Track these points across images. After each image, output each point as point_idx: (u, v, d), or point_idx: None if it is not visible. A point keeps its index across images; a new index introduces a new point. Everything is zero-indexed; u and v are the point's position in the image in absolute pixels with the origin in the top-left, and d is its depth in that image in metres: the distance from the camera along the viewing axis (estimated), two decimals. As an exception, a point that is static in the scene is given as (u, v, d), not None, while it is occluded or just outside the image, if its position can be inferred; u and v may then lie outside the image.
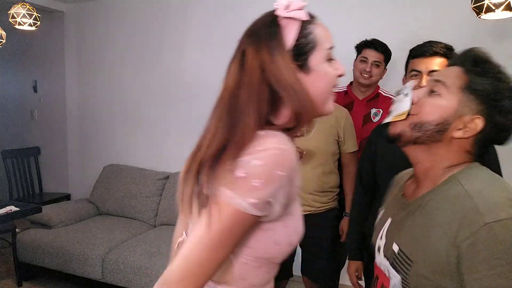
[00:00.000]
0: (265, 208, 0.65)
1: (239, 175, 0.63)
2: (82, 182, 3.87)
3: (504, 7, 1.74)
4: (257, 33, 0.75)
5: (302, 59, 0.72)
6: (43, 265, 2.77)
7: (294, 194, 0.73)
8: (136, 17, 3.49)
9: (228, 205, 0.63)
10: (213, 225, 0.63)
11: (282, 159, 0.65)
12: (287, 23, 0.72)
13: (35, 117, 4.07)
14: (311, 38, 0.73)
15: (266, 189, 0.63)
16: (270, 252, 0.73)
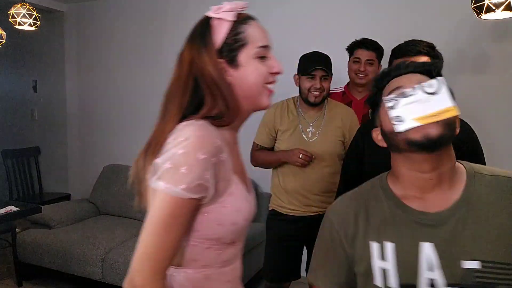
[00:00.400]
0: (198, 190, 0.72)
1: (167, 166, 0.72)
2: (82, 182, 3.87)
3: (504, 7, 1.74)
4: (193, 32, 0.87)
5: (231, 55, 0.81)
6: (43, 265, 2.77)
7: (227, 175, 0.79)
8: (136, 17, 3.49)
9: (166, 195, 0.71)
10: (156, 214, 0.72)
11: (201, 144, 0.73)
12: (218, 24, 0.83)
13: (35, 117, 4.07)
14: (241, 37, 0.82)
15: (192, 173, 0.71)
16: (215, 233, 0.79)
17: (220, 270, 0.84)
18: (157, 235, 0.72)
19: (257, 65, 0.83)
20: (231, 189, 0.80)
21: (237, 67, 0.82)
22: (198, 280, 0.82)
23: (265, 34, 0.86)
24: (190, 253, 0.80)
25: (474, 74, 2.39)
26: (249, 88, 0.83)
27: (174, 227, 0.72)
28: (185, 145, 0.72)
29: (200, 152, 0.72)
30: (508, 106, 2.37)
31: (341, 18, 2.73)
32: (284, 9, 2.89)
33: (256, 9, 3.13)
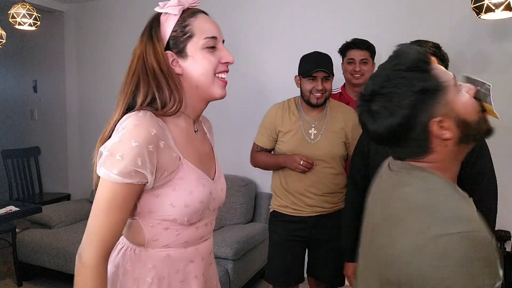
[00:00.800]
0: (133, 176, 0.78)
1: (106, 153, 0.79)
2: (82, 182, 3.87)
3: (504, 7, 1.74)
4: (144, 28, 0.93)
5: (179, 47, 0.87)
6: (43, 265, 2.77)
7: (173, 161, 0.84)
8: (136, 16, 3.48)
9: (105, 180, 0.78)
10: (98, 198, 0.80)
11: (136, 133, 0.78)
12: (165, 19, 0.88)
13: (35, 117, 4.07)
14: (187, 29, 0.87)
15: (125, 160, 0.77)
16: (170, 214, 0.85)
17: (182, 250, 0.90)
18: (99, 217, 0.80)
19: (205, 55, 0.87)
20: (180, 173, 0.85)
21: (186, 57, 0.87)
22: (160, 259, 0.88)
23: (214, 26, 0.91)
24: (151, 234, 0.87)
25: (474, 74, 2.38)
26: (199, 77, 0.88)
27: (114, 210, 0.79)
28: (122, 134, 0.79)
29: (132, 140, 0.77)
30: (508, 106, 2.37)
31: (340, 18, 2.73)
32: (282, 9, 2.89)
33: (255, 9, 3.14)
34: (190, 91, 0.89)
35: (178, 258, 0.90)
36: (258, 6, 2.97)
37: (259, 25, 2.93)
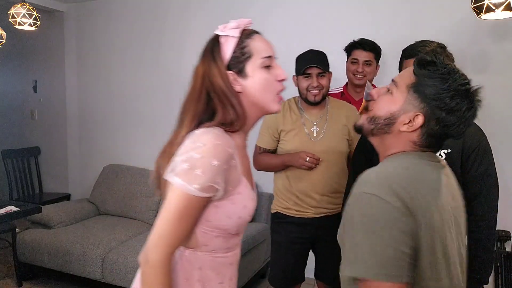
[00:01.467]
0: (208, 190, 0.85)
1: (185, 167, 0.83)
2: (82, 182, 3.88)
3: (504, 7, 1.74)
4: (204, 49, 0.98)
5: (239, 67, 0.93)
6: (43, 265, 2.77)
7: (237, 178, 0.92)
8: (136, 17, 3.49)
9: (180, 191, 0.84)
10: (171, 206, 0.85)
11: (217, 152, 0.85)
12: (225, 40, 0.95)
13: (35, 117, 4.07)
14: (246, 50, 0.94)
15: (206, 176, 0.83)
16: (225, 224, 0.93)
17: (224, 255, 0.99)
18: (171, 224, 0.84)
19: (263, 74, 0.94)
20: (239, 188, 0.93)
21: (246, 77, 0.94)
22: (206, 261, 0.96)
23: (269, 45, 0.97)
24: (202, 239, 0.94)
25: (474, 74, 2.37)
26: (258, 95, 0.95)
27: (185, 218, 0.86)
28: (202, 151, 0.84)
29: (214, 159, 0.84)
30: (508, 106, 2.37)
31: (340, 19, 2.73)
32: (283, 10, 2.89)
33: (255, 10, 3.14)
34: (247, 108, 0.96)
35: (221, 262, 0.99)
36: (256, 7, 2.97)
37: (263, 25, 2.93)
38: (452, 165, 1.28)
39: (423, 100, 0.86)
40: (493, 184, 1.41)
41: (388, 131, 0.91)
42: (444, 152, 1.38)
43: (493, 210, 1.41)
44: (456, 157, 1.37)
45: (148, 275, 0.85)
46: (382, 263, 0.75)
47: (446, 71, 0.87)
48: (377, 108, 0.93)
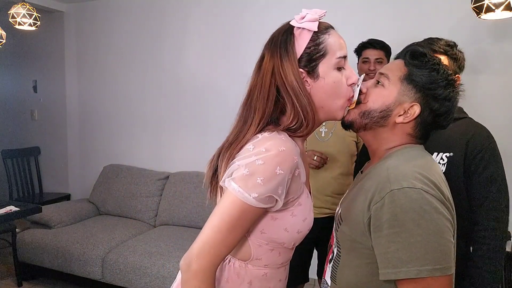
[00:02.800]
0: (267, 201, 0.77)
1: (245, 172, 0.75)
2: (82, 182, 3.87)
3: (504, 7, 1.74)
4: (274, 40, 0.85)
5: (311, 65, 0.82)
6: (43, 265, 2.77)
7: (299, 188, 0.83)
8: (136, 17, 3.49)
9: (236, 198, 0.75)
10: (224, 213, 0.76)
11: (281, 160, 0.75)
12: (300, 33, 0.82)
13: (35, 117, 4.07)
14: (322, 47, 0.82)
15: (267, 185, 0.74)
16: (281, 238, 0.85)
17: (277, 270, 0.91)
18: (221, 232, 0.76)
19: (336, 76, 0.83)
20: (300, 199, 0.84)
21: (317, 78, 0.83)
22: (257, 276, 0.89)
23: (344, 44, 0.86)
24: (256, 252, 0.87)
25: (474, 74, 2.39)
26: (327, 99, 0.84)
27: (237, 228, 0.77)
28: (266, 157, 0.75)
29: (279, 168, 0.75)
30: (508, 106, 2.37)
31: (340, 18, 2.73)
32: (282, 10, 2.89)
33: (255, 10, 3.12)
34: (315, 111, 0.85)
35: (272, 277, 0.91)
36: (256, 7, 2.97)
37: (262, 25, 2.94)
38: (454, 170, 1.26)
39: (418, 90, 0.88)
40: (501, 190, 1.26)
41: (384, 124, 0.90)
42: (446, 156, 1.29)
43: (501, 219, 1.25)
44: (458, 161, 1.28)
45: (188, 283, 0.77)
46: (437, 257, 0.74)
47: (436, 62, 0.90)
48: (371, 101, 0.91)
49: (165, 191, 3.16)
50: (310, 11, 0.84)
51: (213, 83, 3.17)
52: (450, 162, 1.27)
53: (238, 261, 0.88)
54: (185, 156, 3.33)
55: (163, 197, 3.16)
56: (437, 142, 1.27)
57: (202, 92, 3.20)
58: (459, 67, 1.34)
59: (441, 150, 1.28)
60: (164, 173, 3.28)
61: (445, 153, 1.29)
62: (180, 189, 3.08)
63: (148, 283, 2.41)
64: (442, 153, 1.29)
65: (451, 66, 1.32)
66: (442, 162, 1.28)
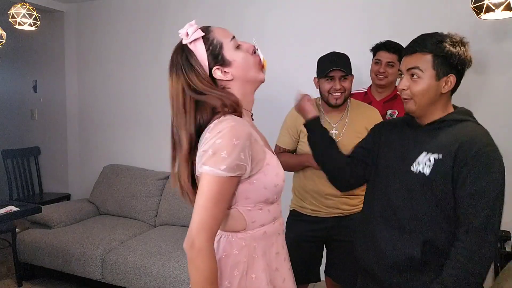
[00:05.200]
0: (236, 169, 0.90)
1: (210, 153, 0.89)
2: (82, 182, 3.87)
3: (504, 7, 1.74)
4: (175, 63, 1.00)
5: (219, 59, 0.99)
6: (43, 265, 2.77)
7: (261, 150, 0.98)
8: (136, 17, 3.49)
9: (211, 176, 0.89)
10: (206, 193, 0.90)
11: (235, 132, 0.90)
12: (194, 45, 0.98)
13: (35, 117, 4.07)
14: (215, 41, 0.99)
15: (231, 156, 0.89)
16: (263, 195, 0.99)
17: (272, 226, 1.04)
18: (209, 209, 0.90)
19: (239, 54, 1.01)
20: (267, 160, 0.99)
21: (229, 64, 1.00)
22: (259, 237, 1.01)
23: (225, 29, 1.03)
24: (249, 217, 0.99)
25: (474, 74, 2.39)
26: (246, 73, 1.01)
27: (221, 201, 0.91)
28: (222, 135, 0.89)
29: (235, 139, 0.89)
30: (508, 106, 2.37)
31: (340, 18, 2.73)
32: (281, 10, 2.89)
33: (255, 10, 3.12)
34: (244, 88, 1.02)
35: (271, 233, 1.04)
36: (256, 6, 2.97)
37: (262, 25, 2.94)
38: (441, 175, 1.11)
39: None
40: (492, 209, 1.06)
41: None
42: (434, 158, 1.14)
43: (484, 243, 1.06)
44: (447, 165, 1.11)
45: (195, 259, 0.89)
46: None
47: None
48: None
49: (165, 191, 3.17)
50: (187, 27, 0.98)
51: (213, 83, 3.16)
52: (437, 165, 1.13)
53: (240, 233, 0.99)
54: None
55: (163, 197, 3.16)
56: (428, 141, 1.19)
57: (202, 92, 3.19)
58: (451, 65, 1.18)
59: (430, 150, 1.17)
60: (164, 173, 3.28)
61: (433, 153, 1.15)
62: (180, 189, 3.07)
63: (148, 283, 2.41)
64: (431, 154, 1.15)
65: None
66: (428, 163, 1.15)
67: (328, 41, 2.45)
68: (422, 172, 1.16)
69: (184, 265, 2.36)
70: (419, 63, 1.17)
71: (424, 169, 1.15)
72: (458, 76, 1.19)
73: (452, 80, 1.18)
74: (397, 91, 2.14)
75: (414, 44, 1.20)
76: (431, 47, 1.16)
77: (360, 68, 2.29)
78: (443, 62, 1.16)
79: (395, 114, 2.13)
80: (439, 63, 1.16)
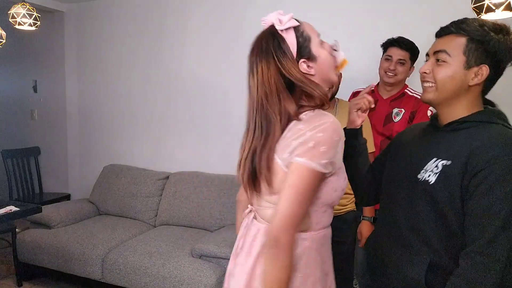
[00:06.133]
0: (330, 166, 0.91)
1: (310, 146, 0.88)
2: (82, 182, 3.87)
3: (504, 7, 1.74)
4: (263, 48, 0.97)
5: (306, 52, 0.97)
6: (43, 265, 2.77)
7: (341, 153, 0.97)
8: (136, 17, 3.49)
9: (305, 169, 0.88)
10: (297, 186, 0.88)
11: (335, 128, 0.90)
12: (287, 32, 0.96)
13: (35, 117, 4.07)
14: (305, 34, 0.97)
15: (330, 151, 0.89)
16: (331, 198, 0.98)
17: (328, 229, 1.06)
18: (298, 202, 0.88)
19: (324, 51, 1.00)
20: (339, 163, 0.97)
21: (315, 59, 0.98)
22: (319, 239, 1.01)
23: (312, 25, 1.03)
24: (315, 218, 0.99)
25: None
26: (327, 71, 1.01)
27: (310, 195, 0.91)
28: (323, 129, 0.89)
29: (335, 135, 0.90)
30: (508, 106, 2.37)
31: (339, 18, 2.73)
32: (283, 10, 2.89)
33: (254, 10, 3.11)
34: (323, 85, 1.01)
35: (328, 235, 1.05)
36: (256, 6, 2.97)
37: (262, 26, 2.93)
38: (448, 184, 0.95)
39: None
40: (500, 228, 0.87)
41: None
42: (442, 164, 0.98)
43: (490, 269, 0.87)
44: (456, 173, 0.94)
45: (278, 256, 0.88)
46: None
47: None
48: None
49: (165, 191, 3.16)
50: (276, 15, 0.98)
51: (214, 83, 3.17)
52: (444, 173, 0.97)
53: (303, 233, 0.97)
54: (185, 156, 3.33)
55: (163, 197, 3.16)
56: (441, 145, 1.03)
57: (202, 92, 3.20)
58: None
59: (440, 155, 1.00)
60: (164, 173, 3.28)
61: (442, 159, 0.99)
62: (180, 189, 3.08)
63: (148, 283, 2.41)
64: (440, 160, 0.99)
65: None
66: (435, 170, 0.98)
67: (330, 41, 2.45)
68: (427, 180, 0.99)
69: (184, 265, 2.36)
70: (448, 46, 1.02)
71: (429, 177, 0.99)
72: (493, 70, 1.02)
73: (485, 72, 1.01)
74: (405, 89, 2.13)
75: (451, 24, 1.05)
76: (468, 28, 1.00)
77: (361, 68, 2.29)
78: (477, 48, 0.99)
79: (402, 113, 2.06)
80: (473, 49, 0.99)
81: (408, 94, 2.11)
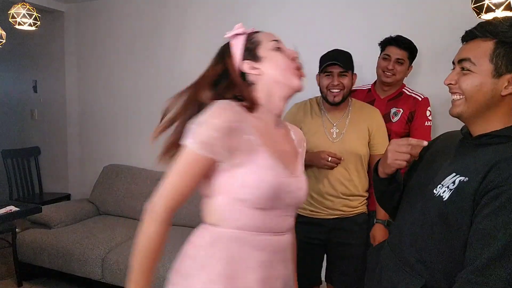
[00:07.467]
0: (206, 148, 0.89)
1: (193, 127, 0.92)
2: (82, 182, 3.87)
3: (504, 7, 1.74)
4: (220, 51, 1.11)
5: (252, 54, 1.03)
6: (43, 265, 2.77)
7: (251, 147, 0.93)
8: (136, 17, 3.49)
9: (186, 148, 0.92)
10: (177, 162, 0.94)
11: (218, 112, 0.91)
12: (235, 39, 1.06)
13: (35, 117, 4.07)
14: (254, 40, 1.05)
15: (206, 133, 0.89)
16: (240, 193, 0.93)
17: (253, 237, 0.95)
18: (174, 177, 0.94)
19: (276, 54, 1.02)
20: (255, 158, 0.93)
21: (260, 59, 1.02)
22: (228, 238, 0.94)
23: (272, 34, 1.07)
24: (221, 212, 0.96)
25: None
26: (277, 72, 1.02)
27: (186, 174, 0.93)
28: (205, 113, 0.92)
29: (214, 118, 0.90)
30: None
31: (339, 18, 2.73)
32: (283, 11, 2.89)
33: (254, 10, 3.11)
34: (271, 87, 1.02)
35: (247, 243, 0.94)
36: (256, 6, 2.97)
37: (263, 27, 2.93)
38: (461, 202, 0.86)
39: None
40: (500, 252, 0.77)
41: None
42: (459, 180, 0.88)
43: None
44: (471, 189, 0.85)
45: (146, 222, 0.93)
46: None
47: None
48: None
49: (165, 191, 3.16)
50: (237, 28, 1.06)
51: (213, 83, 3.16)
52: (459, 189, 0.87)
53: (209, 226, 0.98)
54: (185, 156, 3.33)
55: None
56: (463, 159, 0.94)
57: (202, 92, 3.19)
58: None
59: (460, 171, 0.91)
60: (164, 173, 3.27)
61: (460, 176, 0.89)
62: (180, 189, 3.08)
63: (148, 283, 2.41)
64: (459, 176, 0.90)
65: None
66: (451, 186, 0.89)
67: (330, 41, 2.45)
68: (441, 196, 0.90)
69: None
70: (472, 53, 0.91)
71: (444, 193, 0.89)
72: None
73: None
74: (402, 89, 2.12)
75: (476, 27, 0.93)
76: (496, 30, 0.88)
77: (362, 67, 2.28)
78: (509, 53, 0.87)
79: (400, 112, 2.05)
80: (502, 54, 0.87)
81: (406, 93, 2.10)
